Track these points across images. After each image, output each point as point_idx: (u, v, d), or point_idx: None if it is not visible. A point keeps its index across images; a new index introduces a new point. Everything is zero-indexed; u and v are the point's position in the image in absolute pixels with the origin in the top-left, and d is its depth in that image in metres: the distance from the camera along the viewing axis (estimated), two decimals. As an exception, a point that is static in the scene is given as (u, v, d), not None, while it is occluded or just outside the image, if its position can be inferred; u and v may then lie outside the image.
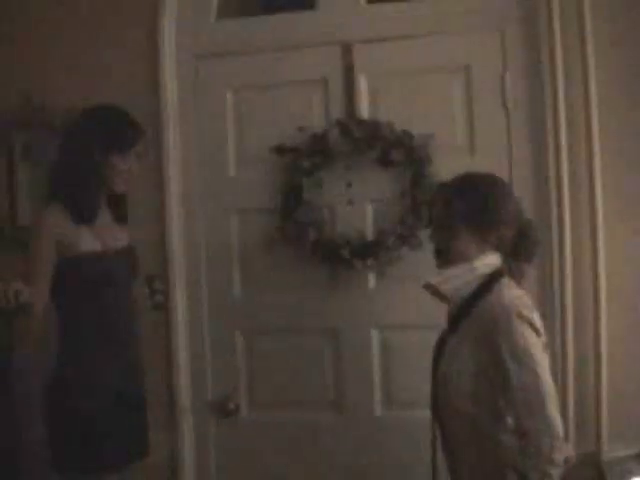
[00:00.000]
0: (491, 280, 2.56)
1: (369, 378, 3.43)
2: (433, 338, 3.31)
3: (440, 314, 3.33)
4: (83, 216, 2.95)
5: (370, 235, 3.39)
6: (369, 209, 3.41)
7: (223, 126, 3.56)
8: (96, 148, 2.94)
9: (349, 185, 3.37)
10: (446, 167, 3.25)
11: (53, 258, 2.90)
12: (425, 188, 3.26)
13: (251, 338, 3.59)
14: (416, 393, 3.36)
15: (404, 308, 3.41)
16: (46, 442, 2.98)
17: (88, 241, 2.95)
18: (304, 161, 3.36)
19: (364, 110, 3.40)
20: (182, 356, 3.59)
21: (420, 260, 3.31)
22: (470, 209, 2.58)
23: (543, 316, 3.17)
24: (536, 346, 2.45)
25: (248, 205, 3.54)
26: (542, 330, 2.52)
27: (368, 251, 3.34)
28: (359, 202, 3.39)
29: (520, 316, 2.45)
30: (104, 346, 2.98)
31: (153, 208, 3.55)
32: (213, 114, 3.57)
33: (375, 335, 3.45)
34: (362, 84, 3.41)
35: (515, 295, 2.53)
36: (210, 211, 3.58)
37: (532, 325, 2.46)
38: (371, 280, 3.44)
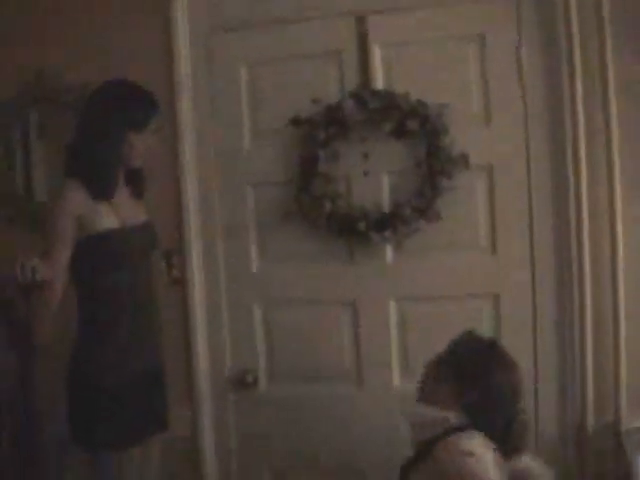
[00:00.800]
0: (459, 428, 2.56)
1: (387, 350, 3.43)
2: (451, 309, 3.35)
3: (457, 285, 3.35)
4: (102, 193, 2.95)
5: (386, 207, 3.38)
6: (385, 180, 3.39)
7: (238, 100, 3.54)
8: (114, 126, 2.93)
9: (365, 156, 3.35)
10: (462, 137, 3.25)
11: (72, 235, 2.90)
12: (441, 158, 3.24)
13: (269, 311, 3.59)
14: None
15: (422, 280, 3.41)
16: (68, 418, 3.01)
17: (107, 218, 2.95)
18: (319, 133, 3.34)
19: (379, 81, 3.38)
20: (200, 330, 3.60)
21: (437, 232, 3.32)
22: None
23: (561, 284, 3.22)
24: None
25: (264, 178, 3.53)
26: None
27: (385, 223, 3.33)
28: (375, 173, 3.37)
29: (476, 459, 2.43)
30: (124, 322, 2.99)
31: (169, 183, 3.54)
32: (227, 88, 3.56)
33: (393, 307, 3.45)
34: (376, 55, 3.38)
35: (477, 444, 2.50)
36: (226, 185, 3.58)
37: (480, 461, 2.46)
38: (388, 252, 3.43)
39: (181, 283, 3.46)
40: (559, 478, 3.27)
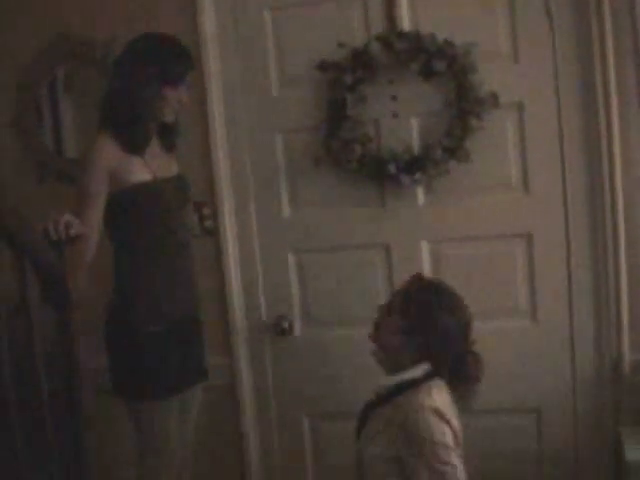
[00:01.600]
0: (419, 380, 2.63)
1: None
2: (483, 249, 3.36)
3: (489, 226, 3.35)
4: (135, 147, 2.96)
5: (416, 149, 3.36)
6: (414, 122, 3.38)
7: (263, 46, 3.52)
8: (149, 80, 2.93)
9: (393, 98, 3.32)
10: (490, 76, 3.23)
11: (105, 189, 2.92)
12: (470, 98, 3.22)
13: (302, 257, 3.60)
14: (469, 303, 3.39)
15: (454, 221, 3.41)
16: (109, 369, 3.06)
17: (139, 171, 2.97)
18: (346, 77, 3.32)
19: (405, 22, 3.34)
20: (234, 279, 3.62)
21: (468, 173, 3.30)
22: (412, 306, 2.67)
23: (594, 221, 3.21)
24: (452, 449, 2.54)
25: (292, 124, 3.51)
26: (459, 432, 2.59)
27: (415, 165, 3.32)
28: (404, 115, 3.35)
29: (440, 416, 2.53)
30: (160, 274, 3.02)
31: (197, 133, 3.54)
32: (252, 35, 3.53)
33: (426, 249, 3.46)
34: (401, -5, 3.35)
35: (440, 398, 2.60)
36: (255, 133, 3.57)
37: (450, 425, 2.54)
38: (420, 194, 3.42)
39: (214, 234, 3.47)
40: (596, 415, 3.31)
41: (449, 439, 2.53)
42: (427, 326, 2.64)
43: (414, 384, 2.62)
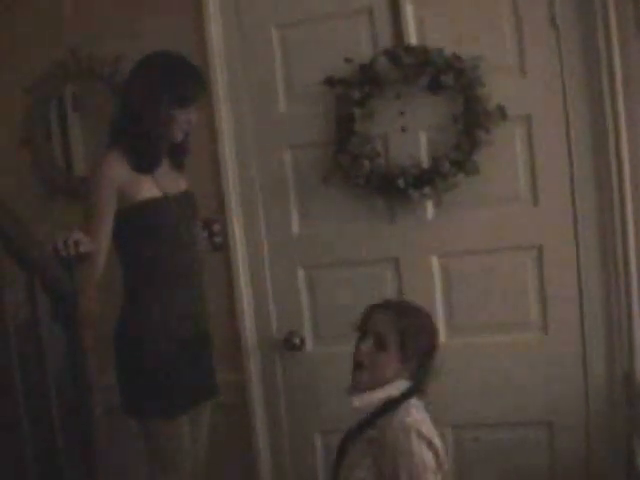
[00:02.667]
0: (399, 400, 2.67)
1: (431, 306, 3.39)
2: (493, 262, 3.35)
3: (499, 238, 3.34)
4: (146, 167, 2.98)
5: (425, 163, 3.36)
6: (422, 136, 3.38)
7: (270, 62, 3.54)
8: (162, 102, 2.94)
9: (401, 113, 3.33)
10: (498, 89, 3.23)
11: (114, 206, 2.93)
12: (478, 111, 3.22)
13: (312, 272, 3.61)
14: (477, 318, 3.39)
15: (463, 235, 3.40)
16: (119, 389, 3.06)
17: (148, 188, 2.98)
18: (354, 92, 3.33)
19: (412, 37, 3.35)
20: (245, 295, 3.63)
21: (477, 186, 3.30)
22: (408, 339, 2.70)
23: (604, 232, 3.20)
24: (429, 467, 2.56)
25: (301, 140, 3.52)
26: (442, 451, 2.61)
27: (424, 179, 3.32)
28: (412, 130, 3.35)
29: (420, 435, 2.56)
30: (168, 292, 3.02)
31: (206, 150, 3.56)
32: (260, 51, 3.55)
33: (435, 263, 3.45)
34: (408, 10, 3.35)
35: (420, 417, 2.64)
36: (263, 149, 3.58)
37: (431, 444, 2.57)
38: (429, 209, 3.42)
39: (223, 250, 3.47)
40: (608, 427, 3.29)
41: (427, 459, 2.54)
42: (421, 349, 2.72)
43: (394, 404, 2.66)
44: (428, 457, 2.54)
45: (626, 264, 3.20)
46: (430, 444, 2.56)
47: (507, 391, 3.31)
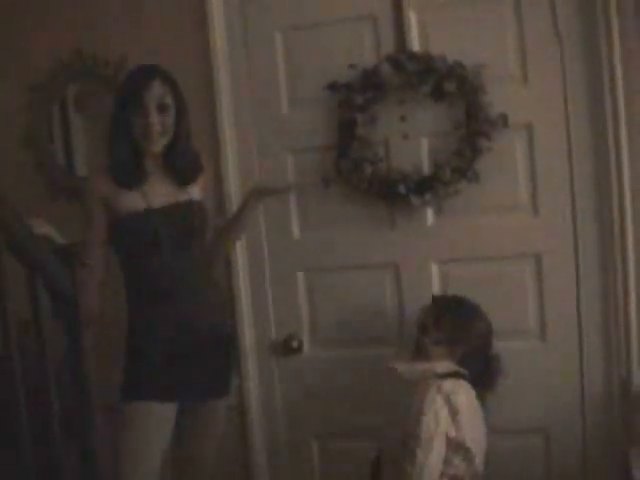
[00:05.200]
0: (441, 375, 2.87)
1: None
2: (492, 269, 3.37)
3: (498, 246, 3.35)
4: (126, 184, 2.98)
5: (426, 170, 3.37)
6: (424, 143, 3.39)
7: (274, 67, 3.55)
8: (118, 114, 2.95)
9: (403, 119, 3.34)
10: (500, 97, 3.24)
11: (104, 216, 2.98)
12: (480, 118, 3.23)
13: (312, 277, 3.61)
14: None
15: (463, 242, 3.41)
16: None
17: (132, 201, 2.97)
18: (357, 97, 3.34)
19: (415, 44, 3.36)
20: (245, 298, 3.64)
21: (478, 193, 3.32)
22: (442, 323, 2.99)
23: (604, 243, 3.21)
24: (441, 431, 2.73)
25: (303, 144, 3.53)
26: (467, 437, 2.79)
27: (425, 186, 3.33)
28: (414, 136, 3.37)
29: (447, 400, 2.75)
30: (158, 301, 3.01)
31: (208, 154, 3.53)
32: (263, 54, 3.56)
33: (435, 269, 3.46)
34: (412, 17, 3.36)
35: (459, 390, 2.84)
36: (265, 153, 3.59)
37: (449, 403, 2.76)
38: (429, 215, 3.43)
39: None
40: (605, 435, 3.30)
41: (442, 423, 2.62)
42: (468, 337, 2.93)
43: (439, 376, 2.83)
44: (443, 423, 2.69)
45: (625, 273, 3.21)
46: (448, 401, 2.71)
47: (504, 398, 3.32)
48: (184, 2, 3.60)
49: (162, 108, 2.94)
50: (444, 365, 2.88)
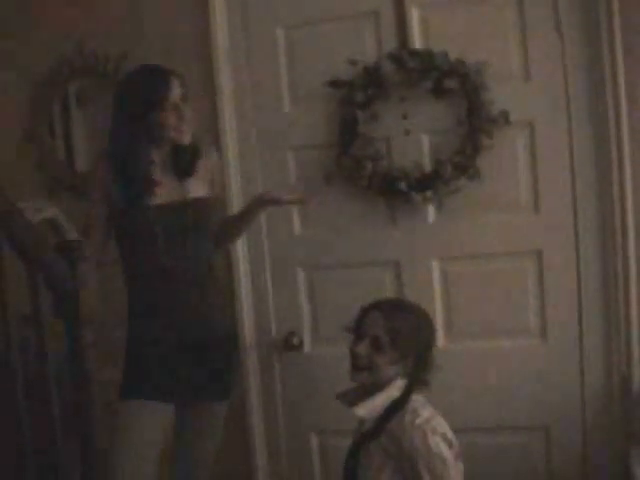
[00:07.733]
0: (402, 400, 2.68)
1: (431, 309, 3.36)
2: (493, 267, 3.36)
3: (499, 243, 3.35)
4: (137, 196, 2.96)
5: (427, 167, 3.37)
6: (425, 140, 3.38)
7: (275, 63, 3.55)
8: (140, 116, 2.90)
9: (404, 116, 3.35)
10: (501, 95, 3.24)
11: (106, 209, 2.98)
12: (481, 116, 3.23)
13: (312, 274, 3.61)
14: (476, 323, 3.39)
15: (464, 239, 3.41)
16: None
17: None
18: (358, 94, 3.34)
19: (416, 41, 3.36)
20: (245, 295, 3.64)
21: (479, 191, 3.31)
22: (400, 339, 2.70)
23: (604, 239, 3.20)
24: (449, 460, 2.56)
25: (304, 141, 3.53)
26: (454, 442, 2.63)
27: (426, 183, 3.33)
28: (415, 133, 3.37)
29: (434, 432, 2.58)
30: (164, 297, 3.01)
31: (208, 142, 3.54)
32: (265, 52, 3.56)
33: (436, 266, 3.46)
34: (413, 14, 3.36)
35: (428, 414, 2.65)
36: (266, 149, 3.59)
37: (446, 438, 2.59)
38: (430, 212, 3.43)
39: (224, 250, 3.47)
40: (605, 432, 3.30)
41: (446, 454, 2.55)
42: (416, 347, 2.71)
43: (398, 406, 2.66)
44: (446, 452, 2.56)
45: (626, 271, 3.20)
46: (445, 437, 2.58)
47: (505, 396, 3.32)
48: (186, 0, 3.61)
49: (184, 100, 2.95)
50: (397, 386, 2.71)
